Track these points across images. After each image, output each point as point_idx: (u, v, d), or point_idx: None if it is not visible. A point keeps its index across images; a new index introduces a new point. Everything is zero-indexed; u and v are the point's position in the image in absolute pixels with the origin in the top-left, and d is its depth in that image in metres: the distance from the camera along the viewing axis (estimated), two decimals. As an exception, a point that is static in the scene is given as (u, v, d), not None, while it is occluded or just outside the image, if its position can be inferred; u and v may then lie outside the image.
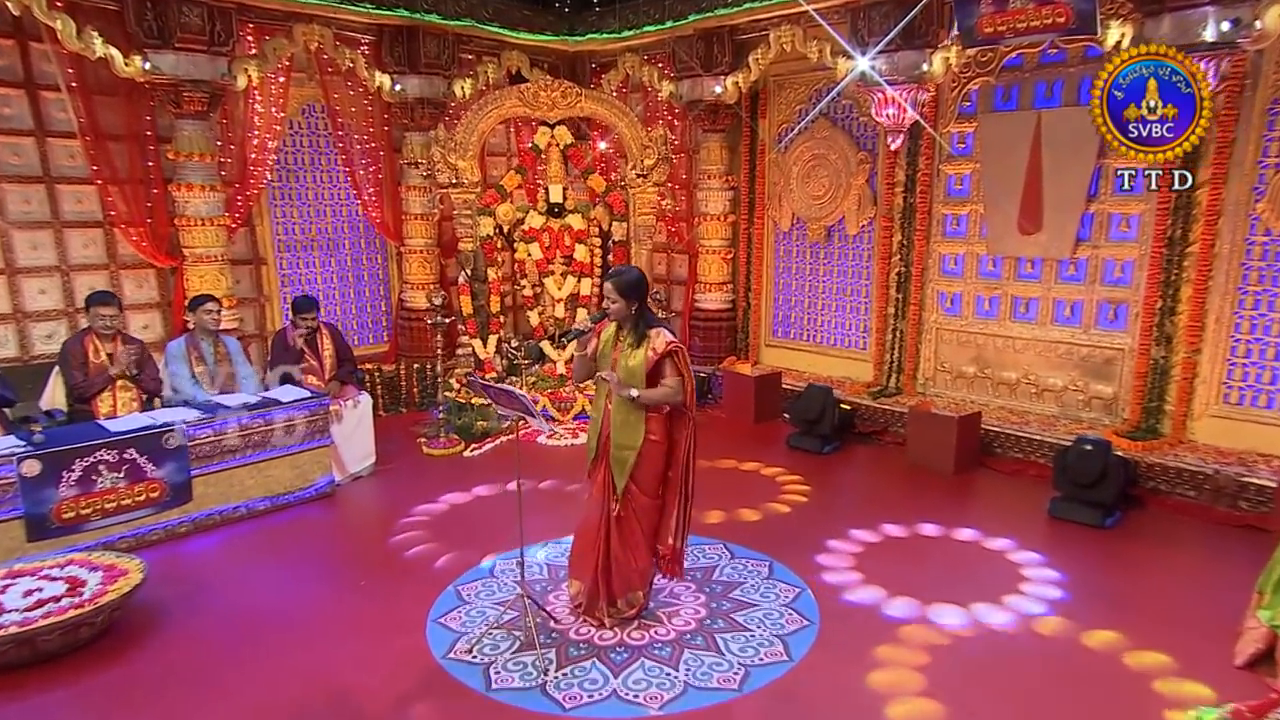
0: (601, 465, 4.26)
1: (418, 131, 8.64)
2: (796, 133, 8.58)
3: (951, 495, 6.45)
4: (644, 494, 4.19)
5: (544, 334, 8.65)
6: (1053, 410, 7.15)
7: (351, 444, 6.69)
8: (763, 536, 5.57)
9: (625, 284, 4.07)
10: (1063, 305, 7.03)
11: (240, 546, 5.56)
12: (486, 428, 7.64)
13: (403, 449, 7.40)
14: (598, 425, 4.27)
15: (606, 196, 8.59)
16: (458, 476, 6.77)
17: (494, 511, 6.09)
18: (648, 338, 4.08)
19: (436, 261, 9.07)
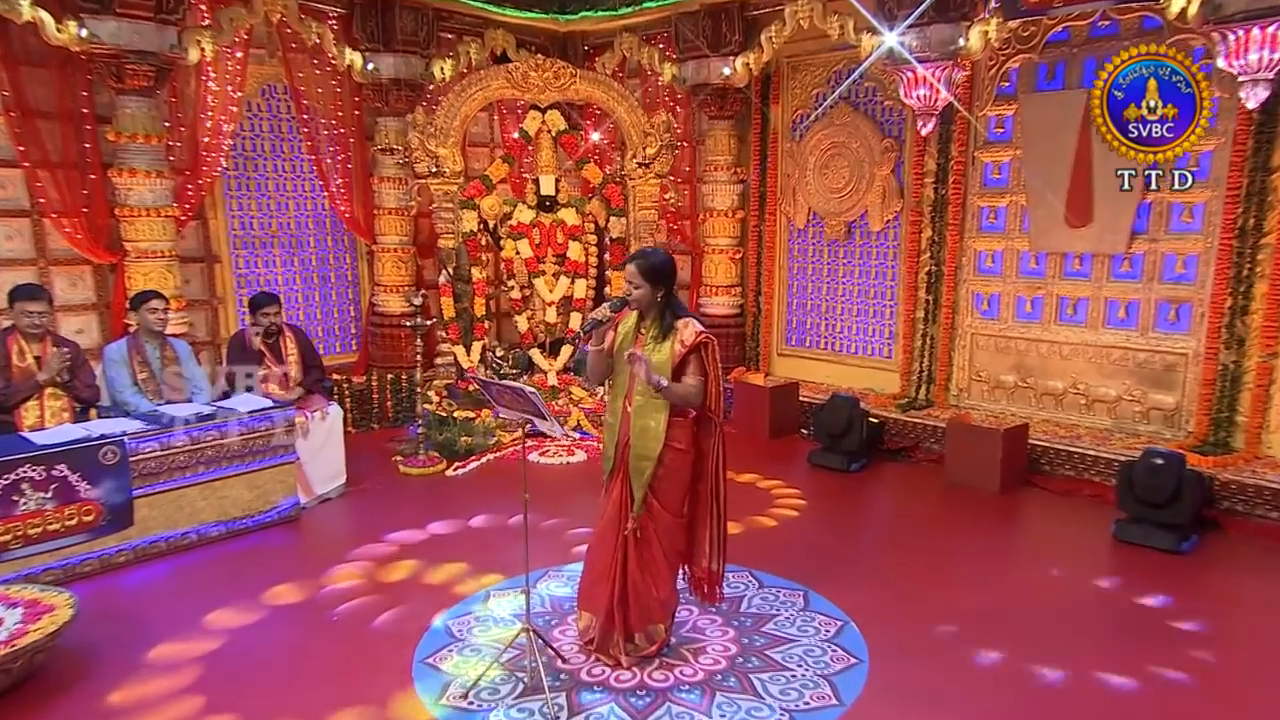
0: (618, 478, 3.96)
1: (392, 116, 8.34)
2: (816, 117, 8.34)
3: (1000, 517, 6.19)
4: (667, 510, 3.89)
5: (533, 341, 8.28)
6: (1105, 423, 6.90)
7: (319, 461, 6.32)
8: (793, 563, 5.26)
9: (651, 267, 3.79)
10: (1116, 306, 6.81)
11: (190, 578, 5.18)
12: (470, 444, 7.26)
13: (376, 468, 7.06)
14: (615, 431, 3.97)
15: (603, 189, 8.27)
16: (440, 498, 6.44)
17: (484, 536, 5.75)
18: (675, 329, 3.80)
19: (413, 261, 8.74)
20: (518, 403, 3.86)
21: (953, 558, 5.41)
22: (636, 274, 3.80)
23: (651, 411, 3.81)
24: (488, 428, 7.45)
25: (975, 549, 5.57)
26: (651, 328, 3.87)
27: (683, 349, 3.78)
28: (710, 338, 3.83)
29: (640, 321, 3.91)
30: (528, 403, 3.79)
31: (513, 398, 3.85)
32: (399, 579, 5.10)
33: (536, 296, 8.29)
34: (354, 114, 8.35)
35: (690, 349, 3.77)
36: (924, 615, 4.64)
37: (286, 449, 5.96)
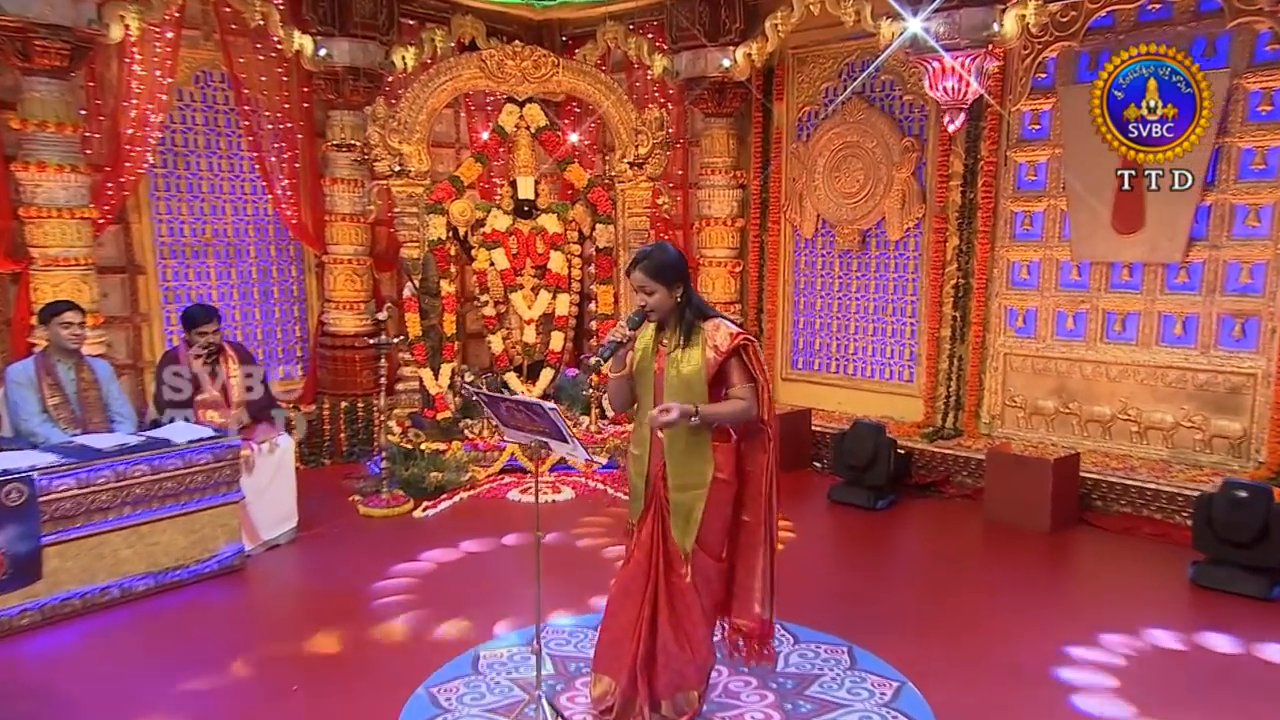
0: (650, 516, 3.63)
1: (347, 109, 8.01)
2: (830, 113, 8.14)
3: (1056, 559, 5.93)
4: (708, 554, 3.57)
5: (508, 364, 7.88)
6: (1161, 453, 6.68)
7: (266, 501, 5.89)
8: (830, 614, 4.92)
9: (661, 264, 3.51)
10: (1171, 321, 6.62)
11: (111, 643, 4.71)
12: (441, 481, 6.87)
13: (331, 509, 6.65)
14: (644, 464, 3.65)
15: (589, 193, 7.93)
16: (409, 542, 6.04)
17: (464, 585, 5.35)
18: (701, 332, 3.53)
19: (369, 275, 8.40)
20: (530, 422, 3.49)
21: (1012, 607, 5.11)
22: (646, 277, 3.51)
23: (688, 432, 3.51)
24: (460, 462, 7.03)
25: (1036, 597, 5.28)
26: (674, 335, 3.58)
27: (718, 355, 3.49)
28: (750, 337, 3.55)
29: (660, 332, 3.64)
30: (544, 422, 3.40)
31: (525, 417, 3.47)
32: (368, 638, 4.67)
33: (513, 313, 7.92)
34: (303, 106, 8.04)
35: (729, 354, 3.49)
36: (992, 674, 4.31)
37: (230, 486, 5.53)
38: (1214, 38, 6.18)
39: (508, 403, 3.53)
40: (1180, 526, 5.96)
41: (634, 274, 3.55)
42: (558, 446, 3.52)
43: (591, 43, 8.71)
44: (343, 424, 7.96)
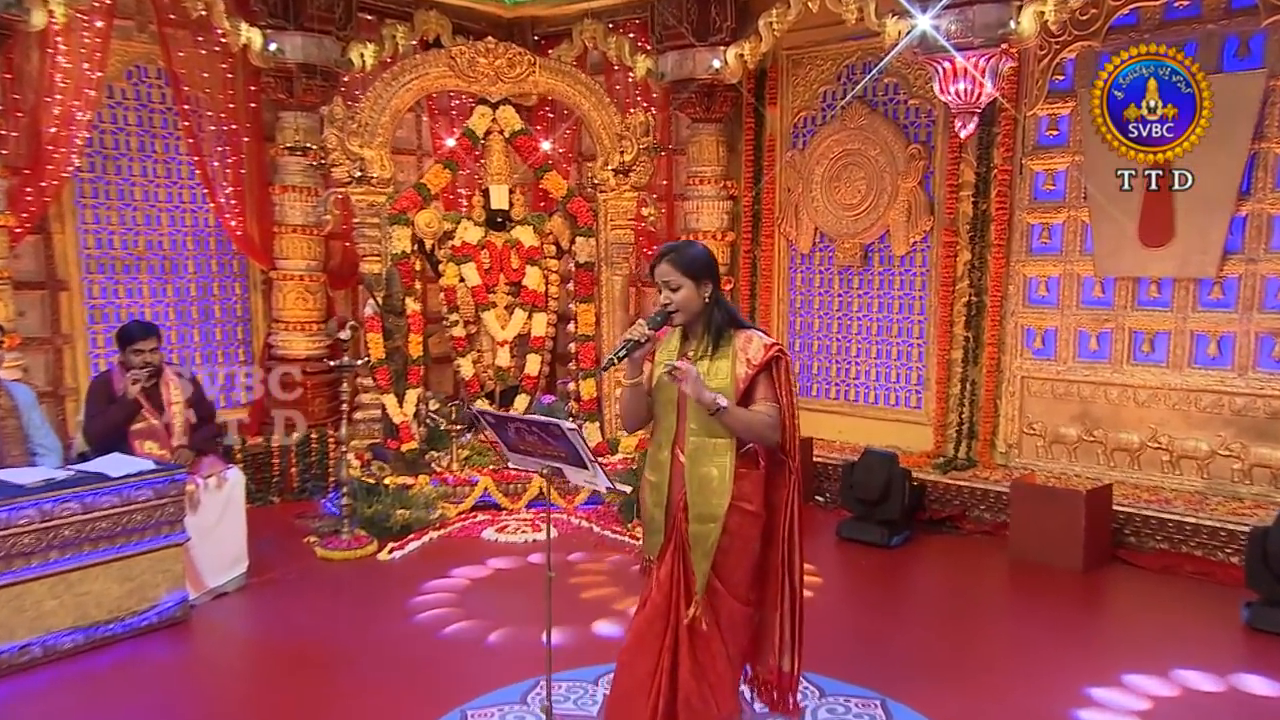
0: (669, 553, 3.42)
1: (299, 110, 7.76)
2: (834, 113, 8.02)
3: (1094, 602, 5.75)
4: (733, 595, 3.39)
5: (479, 390, 7.59)
6: (1195, 484, 6.54)
7: (213, 543, 5.56)
8: (856, 663, 4.68)
9: (690, 258, 3.36)
10: (1205, 341, 6.51)
11: (32, 711, 4.34)
12: (408, 519, 6.54)
13: (285, 551, 6.31)
14: (663, 491, 3.44)
15: (568, 203, 7.71)
16: (376, 589, 5.76)
17: (443, 636, 5.05)
18: (732, 342, 3.35)
19: (322, 292, 8.12)
20: (542, 446, 3.23)
21: (1055, 655, 4.86)
22: (673, 269, 3.33)
23: (712, 455, 3.32)
24: (428, 498, 6.67)
25: (1080, 643, 5.04)
26: (701, 345, 3.39)
27: (751, 369, 3.31)
28: (783, 350, 3.38)
29: (684, 343, 3.45)
30: (560, 446, 3.13)
31: (537, 439, 3.21)
32: (335, 702, 4.34)
33: (484, 334, 7.67)
34: (249, 106, 7.83)
35: (761, 368, 3.31)
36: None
37: (173, 527, 5.16)
38: (1247, 37, 6.14)
39: (518, 424, 3.25)
40: (1224, 564, 5.81)
41: (659, 267, 3.37)
42: (573, 474, 3.28)
43: (567, 42, 8.60)
44: (294, 457, 7.62)
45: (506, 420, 3.30)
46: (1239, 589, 5.43)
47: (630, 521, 6.68)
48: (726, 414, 3.20)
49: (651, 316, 3.36)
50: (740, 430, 3.28)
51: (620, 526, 6.67)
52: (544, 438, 3.18)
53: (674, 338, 3.45)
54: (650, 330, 3.33)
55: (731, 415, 3.22)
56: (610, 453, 7.53)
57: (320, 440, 7.59)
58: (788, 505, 3.41)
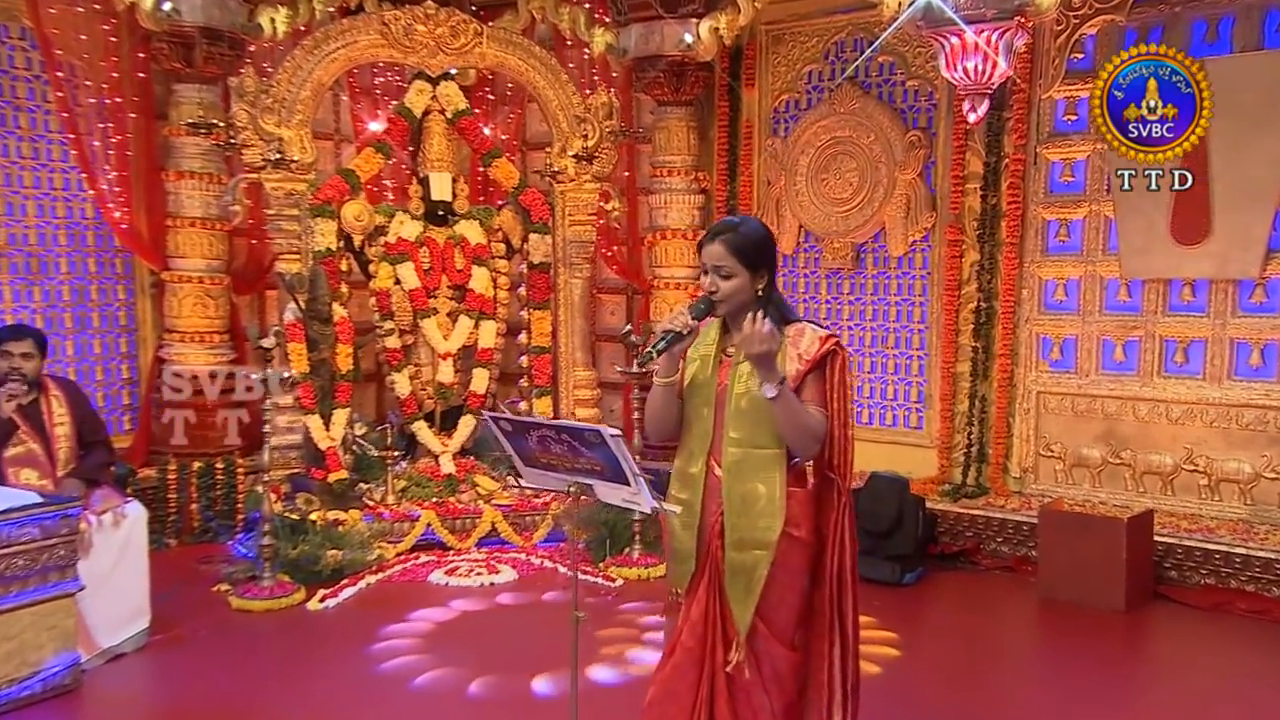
0: (702, 586, 3.24)
1: (198, 83, 7.39)
2: (830, 91, 7.85)
3: (1144, 646, 5.62)
4: (779, 639, 3.21)
5: (416, 410, 7.22)
6: (1237, 511, 6.44)
7: (109, 594, 5.08)
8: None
9: (746, 242, 3.18)
10: (1246, 350, 6.46)
11: None
12: (341, 561, 6.12)
13: (192, 602, 5.86)
14: (695, 513, 3.24)
15: (520, 195, 7.43)
16: (309, 646, 5.39)
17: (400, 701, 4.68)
18: (783, 339, 3.18)
19: (225, 297, 7.72)
20: (570, 458, 2.98)
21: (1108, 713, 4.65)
22: (727, 253, 3.14)
23: (757, 469, 3.15)
24: (364, 537, 6.21)
25: (1134, 697, 4.84)
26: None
27: (806, 364, 3.13)
28: (840, 344, 3.20)
29: (724, 335, 3.27)
30: (595, 457, 2.88)
31: (564, 450, 2.94)
32: None
33: (423, 345, 7.29)
34: (137, 77, 7.43)
35: (814, 363, 3.13)
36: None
37: (63, 573, 4.66)
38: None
39: (543, 430, 2.91)
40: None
41: (710, 247, 3.18)
42: (607, 492, 3.00)
43: (511, 13, 8.23)
44: (194, 490, 7.16)
45: (528, 427, 2.95)
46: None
47: (601, 560, 6.35)
48: (781, 400, 2.99)
49: (694, 304, 3.17)
50: (788, 429, 3.08)
51: (591, 566, 6.30)
52: (575, 447, 2.88)
53: (712, 329, 3.26)
54: (693, 320, 3.13)
55: (786, 404, 3.01)
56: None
57: (227, 470, 7.09)
58: (837, 532, 3.21)
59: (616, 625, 5.46)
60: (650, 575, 6.15)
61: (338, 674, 4.94)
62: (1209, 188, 6.35)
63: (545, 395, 7.39)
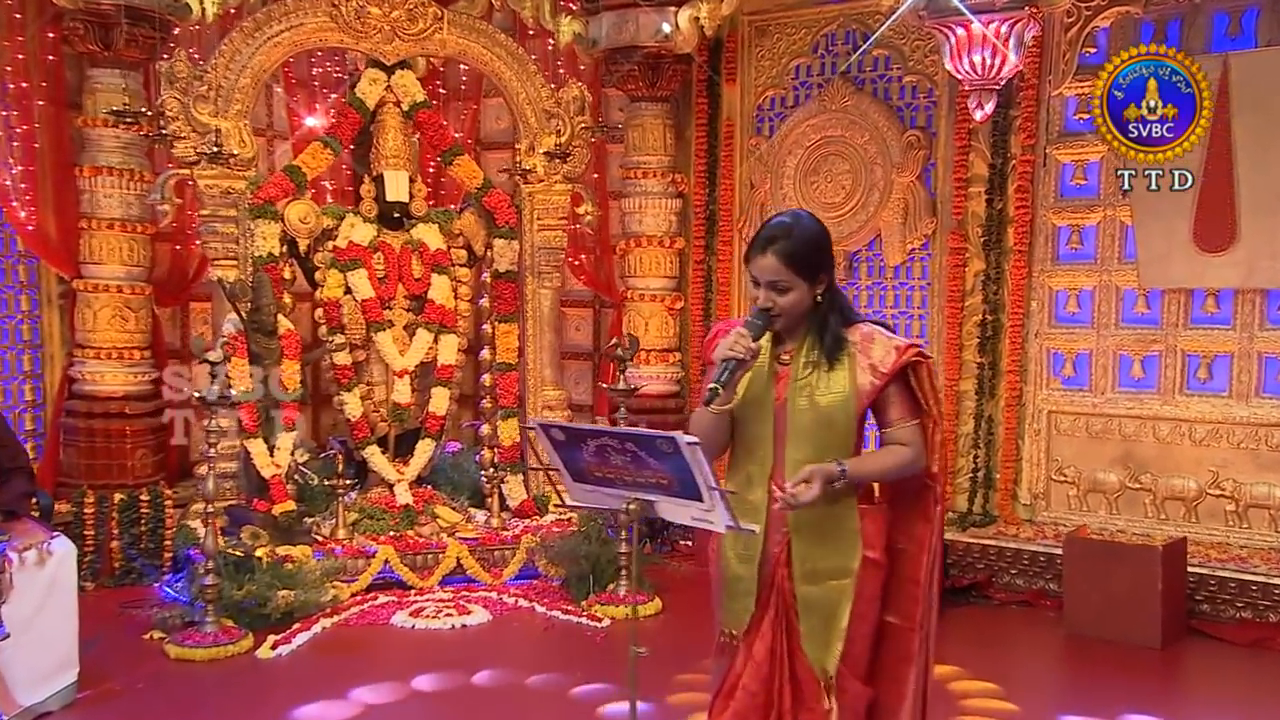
0: (767, 623, 3.14)
1: (117, 68, 7.15)
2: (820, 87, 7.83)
3: (1193, 690, 5.56)
4: (856, 674, 3.14)
5: (368, 434, 7.00)
6: (1268, 539, 6.44)
7: (32, 643, 4.77)
8: None
9: (803, 246, 3.06)
10: (1275, 365, 6.52)
11: None
12: (292, 602, 5.84)
13: (123, 652, 5.60)
14: (755, 544, 3.13)
15: (484, 196, 7.27)
16: (261, 700, 5.11)
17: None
18: (847, 345, 3.10)
19: (147, 308, 7.43)
20: (633, 471, 2.75)
21: None
22: (782, 265, 3.02)
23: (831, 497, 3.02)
24: (315, 575, 5.96)
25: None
26: (808, 351, 3.12)
27: (879, 378, 3.05)
28: (923, 352, 3.14)
29: (778, 348, 3.17)
30: (664, 469, 2.69)
31: (627, 462, 2.77)
32: None
33: (377, 362, 7.07)
34: (46, 60, 7.22)
35: (894, 375, 3.04)
36: None
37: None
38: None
39: (603, 439, 2.68)
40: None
41: (761, 260, 3.05)
42: (672, 509, 2.80)
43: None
44: (115, 527, 6.85)
45: (584, 435, 2.72)
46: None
47: (584, 598, 6.14)
48: (852, 478, 2.98)
49: (750, 322, 3.06)
50: (876, 478, 3.11)
51: (572, 605, 6.09)
52: (641, 458, 2.67)
53: (769, 345, 3.13)
54: (754, 343, 3.01)
55: (859, 476, 3.01)
56: (539, 513, 7.02)
57: (153, 503, 6.77)
58: (928, 549, 3.15)
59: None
60: (640, 614, 5.97)
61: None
62: (1234, 190, 6.40)
63: (511, 417, 7.20)
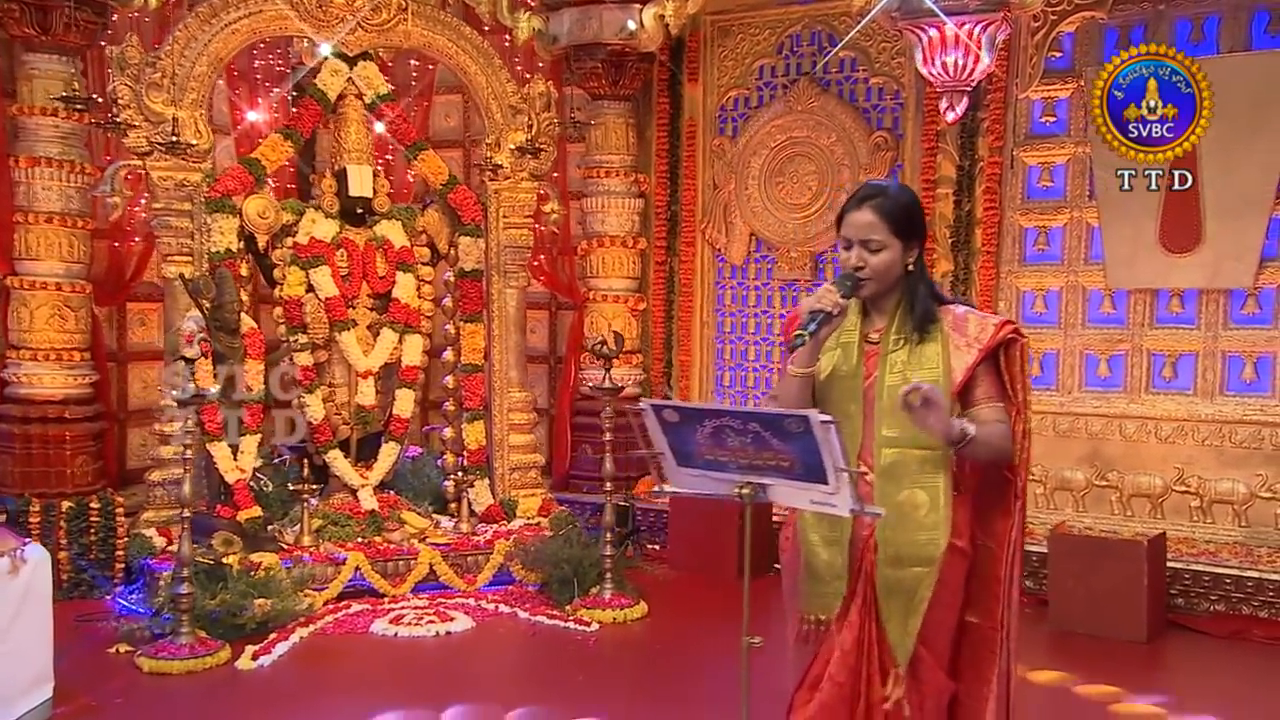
0: (857, 609, 3.04)
1: (55, 53, 6.82)
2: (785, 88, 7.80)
3: (1186, 681, 5.48)
4: (940, 665, 3.05)
5: (330, 439, 6.70)
6: (1232, 533, 6.54)
7: (4, 657, 4.44)
8: None
9: (899, 207, 3.01)
10: (1238, 363, 6.62)
11: None
12: (270, 610, 5.56)
13: (91, 666, 5.22)
14: (843, 526, 3.03)
15: (449, 193, 7.05)
16: (253, 714, 4.83)
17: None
18: (937, 323, 3.01)
19: (86, 307, 7.10)
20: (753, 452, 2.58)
21: None
22: (878, 221, 2.94)
23: (918, 473, 2.97)
24: (290, 584, 5.69)
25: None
26: (899, 326, 3.02)
27: (980, 352, 2.94)
28: (1019, 330, 3.03)
29: (866, 325, 3.08)
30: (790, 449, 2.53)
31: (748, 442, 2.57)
32: None
33: (339, 363, 6.76)
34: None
35: (987, 353, 2.95)
36: None
37: None
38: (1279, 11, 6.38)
39: (724, 419, 2.53)
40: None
41: (856, 214, 2.97)
42: (791, 493, 2.64)
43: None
44: (63, 536, 6.41)
45: (702, 416, 2.57)
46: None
47: (568, 603, 5.94)
48: (976, 444, 2.82)
49: (840, 280, 2.93)
50: (985, 456, 2.92)
51: (555, 610, 5.91)
52: (764, 439, 2.52)
53: (852, 313, 3.02)
54: (842, 299, 2.89)
55: (981, 443, 2.84)
56: (506, 518, 6.81)
57: (103, 511, 6.39)
58: (1009, 544, 3.03)
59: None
60: (626, 618, 5.83)
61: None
62: (1200, 193, 6.46)
63: (477, 420, 6.98)
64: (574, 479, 7.90)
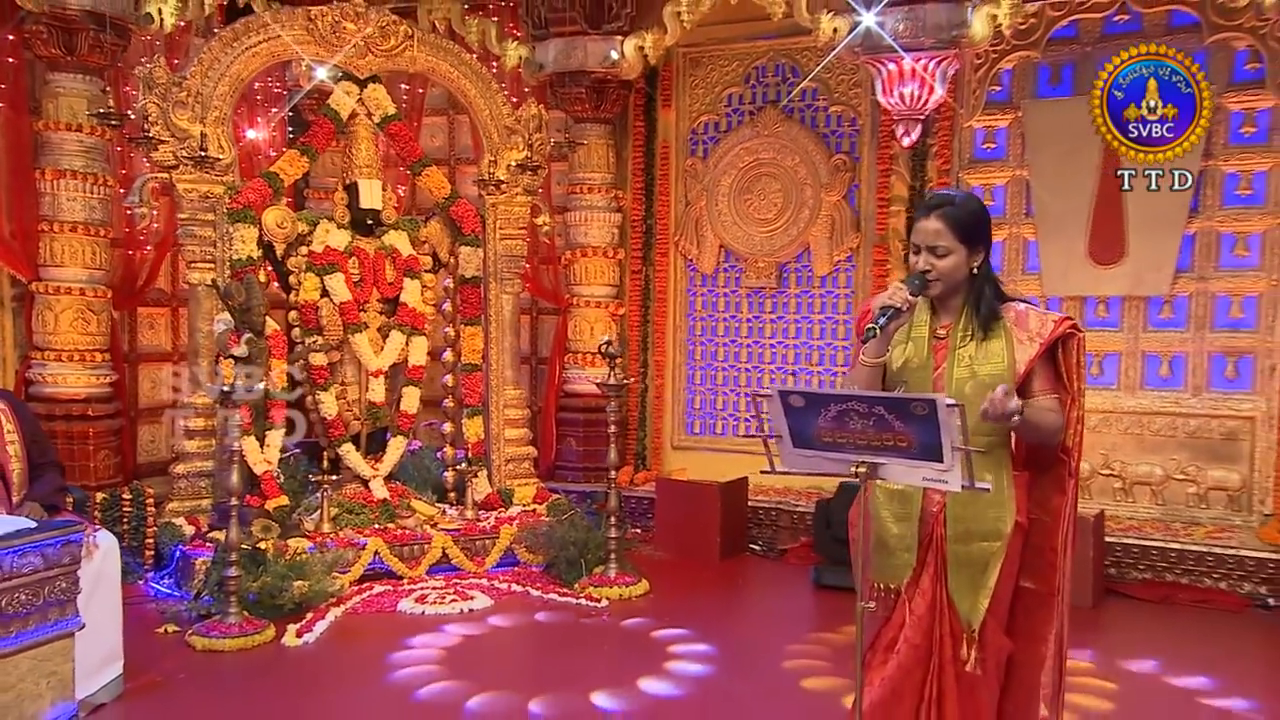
0: (928, 574, 3.10)
1: (80, 73, 6.77)
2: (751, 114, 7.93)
3: (1140, 642, 5.61)
4: (1002, 628, 3.12)
5: (343, 433, 6.63)
6: (1150, 511, 6.80)
7: (81, 636, 4.25)
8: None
9: (966, 215, 3.05)
10: (1156, 361, 6.85)
11: None
12: (307, 591, 5.49)
13: (146, 646, 5.09)
14: (914, 497, 3.11)
15: (451, 206, 7.01)
16: (304, 690, 4.82)
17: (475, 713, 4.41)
18: (1003, 320, 3.07)
19: (106, 312, 7.01)
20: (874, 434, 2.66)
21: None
22: (947, 228, 3.01)
23: (984, 456, 2.95)
24: (322, 567, 5.66)
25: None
26: (965, 324, 3.09)
27: (1038, 349, 3.00)
28: (1077, 325, 3.09)
29: (935, 322, 3.14)
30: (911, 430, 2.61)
31: (869, 426, 2.65)
32: None
33: (350, 363, 6.69)
34: (7, 63, 6.80)
35: (1051, 344, 3.01)
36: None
37: (63, 609, 3.95)
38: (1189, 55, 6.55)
39: (850, 404, 2.63)
40: (1220, 591, 6.06)
41: (926, 223, 3.04)
42: (899, 471, 2.74)
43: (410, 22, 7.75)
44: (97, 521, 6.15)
45: (827, 401, 2.66)
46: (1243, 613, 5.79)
47: (575, 581, 6.00)
48: (1026, 421, 2.86)
49: (910, 279, 3.01)
50: (1032, 437, 3.02)
51: (565, 588, 5.98)
52: (886, 420, 2.63)
53: (922, 310, 3.10)
54: (911, 297, 2.98)
55: (1031, 421, 2.90)
56: (503, 505, 6.84)
57: (135, 502, 6.28)
58: (1064, 519, 3.11)
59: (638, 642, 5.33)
60: (631, 594, 5.89)
61: (367, 705, 4.51)
62: (1124, 212, 6.67)
63: (476, 415, 7.02)
64: (559, 469, 7.92)
